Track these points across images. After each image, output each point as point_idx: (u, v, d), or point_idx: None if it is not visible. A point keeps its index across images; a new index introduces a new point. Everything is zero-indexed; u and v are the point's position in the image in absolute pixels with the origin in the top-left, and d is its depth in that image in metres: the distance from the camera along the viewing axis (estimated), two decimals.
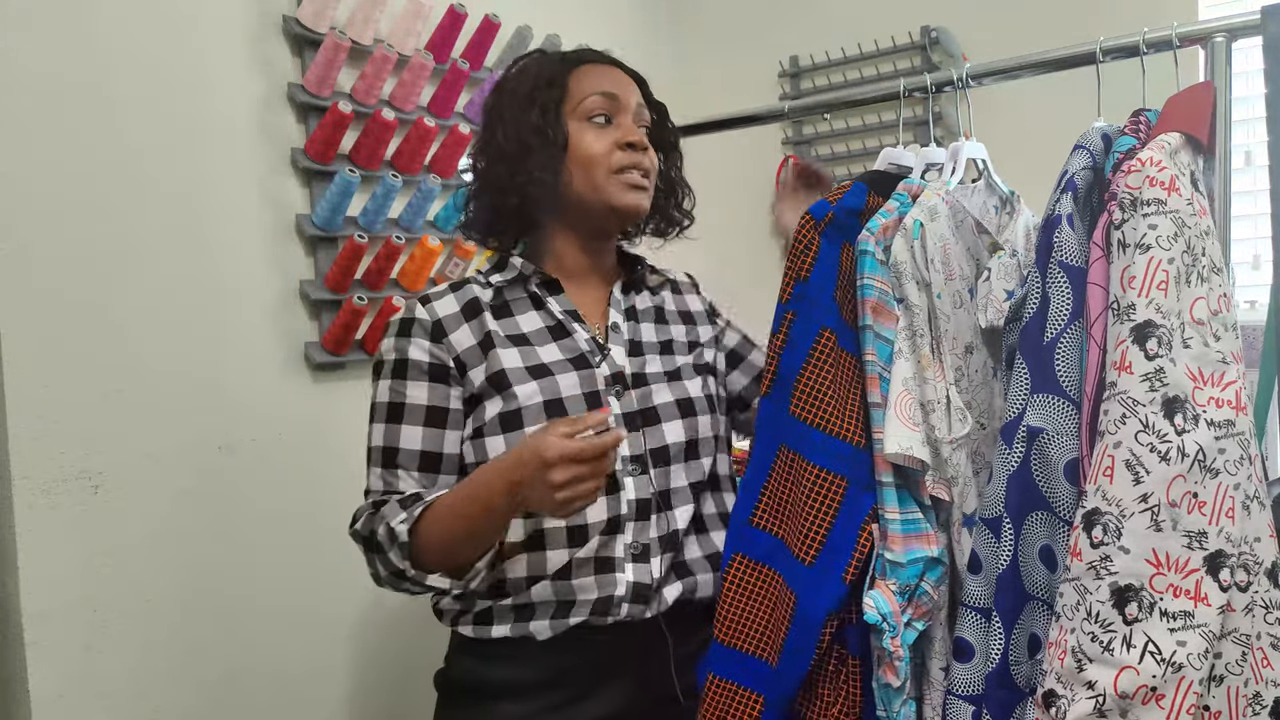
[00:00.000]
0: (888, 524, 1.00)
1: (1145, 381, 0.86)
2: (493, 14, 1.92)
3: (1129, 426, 0.86)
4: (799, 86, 2.42)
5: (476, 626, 1.08)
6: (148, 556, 1.47)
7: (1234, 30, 1.00)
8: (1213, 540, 0.85)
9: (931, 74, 1.18)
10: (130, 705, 1.44)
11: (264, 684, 1.62)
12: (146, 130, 1.48)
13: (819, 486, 1.01)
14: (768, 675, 1.02)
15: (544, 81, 1.12)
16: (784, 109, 1.39)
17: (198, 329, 1.55)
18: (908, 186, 1.11)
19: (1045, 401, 0.94)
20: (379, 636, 1.81)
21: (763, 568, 1.05)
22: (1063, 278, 0.94)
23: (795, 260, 1.07)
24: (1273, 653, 0.89)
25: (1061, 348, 0.94)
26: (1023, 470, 0.94)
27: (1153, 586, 0.85)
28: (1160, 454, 0.85)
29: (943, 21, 2.18)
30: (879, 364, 1.03)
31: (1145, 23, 1.10)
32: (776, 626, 1.02)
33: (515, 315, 1.13)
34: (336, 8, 1.69)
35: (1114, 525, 0.86)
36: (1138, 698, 0.83)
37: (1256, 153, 1.87)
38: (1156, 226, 0.87)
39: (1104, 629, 0.85)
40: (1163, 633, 0.84)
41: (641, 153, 1.12)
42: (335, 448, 1.73)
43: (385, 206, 1.74)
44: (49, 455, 1.36)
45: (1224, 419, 0.87)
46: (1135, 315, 0.87)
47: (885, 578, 0.99)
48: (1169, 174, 0.88)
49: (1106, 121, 1.05)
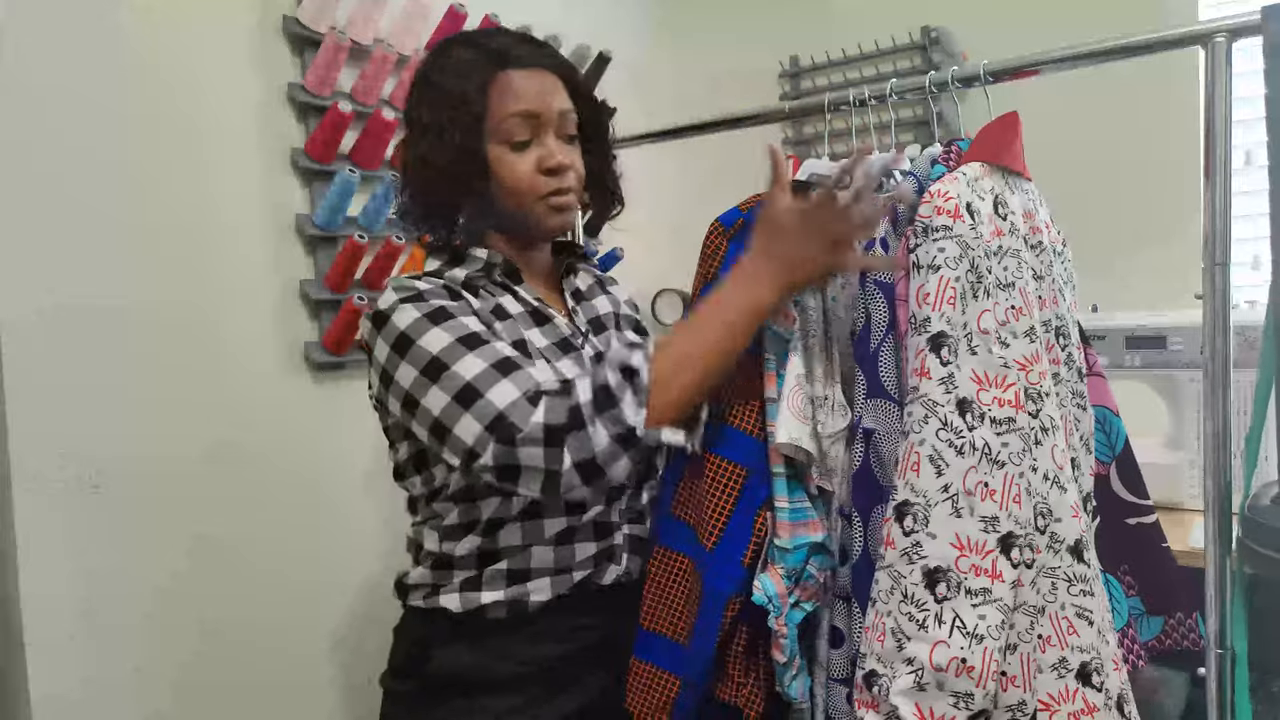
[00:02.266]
0: (777, 512, 1.07)
1: (941, 385, 0.97)
2: (493, 14, 1.92)
3: (931, 425, 0.96)
4: (799, 86, 2.42)
5: (464, 594, 1.06)
6: (148, 556, 1.47)
7: (1235, 30, 1.00)
8: (1003, 523, 0.96)
9: (949, 71, 1.18)
10: (130, 705, 1.44)
11: (264, 683, 1.62)
12: (146, 130, 1.48)
13: (721, 476, 1.08)
14: (681, 656, 1.08)
15: (463, 98, 1.06)
16: (784, 109, 1.39)
17: (198, 329, 1.55)
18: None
19: (875, 405, 1.05)
20: (379, 636, 1.81)
21: (679, 556, 1.11)
22: (878, 294, 1.06)
23: (705, 263, 1.15)
24: (1078, 621, 1.00)
25: (883, 356, 1.05)
26: (864, 468, 1.04)
27: (958, 567, 0.94)
28: (956, 448, 0.96)
29: (943, 21, 2.18)
30: (775, 362, 1.09)
31: (1145, 23, 1.10)
32: (689, 609, 1.09)
33: (496, 299, 1.11)
34: (336, 8, 1.69)
35: (922, 514, 0.95)
36: (951, 669, 0.92)
37: (1256, 153, 1.87)
38: (944, 249, 0.99)
39: (919, 608, 0.94)
40: (967, 608, 0.93)
41: (564, 174, 1.10)
42: (335, 448, 1.73)
43: (385, 206, 1.74)
44: (49, 455, 1.36)
45: (1005, 416, 0.98)
46: (930, 327, 0.98)
47: (774, 563, 1.06)
48: (954, 203, 1.00)
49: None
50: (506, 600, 1.06)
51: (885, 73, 2.27)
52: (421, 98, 1.09)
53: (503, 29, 1.20)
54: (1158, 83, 1.86)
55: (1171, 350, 1.65)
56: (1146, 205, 1.91)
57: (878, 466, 1.04)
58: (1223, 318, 1.01)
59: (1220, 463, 1.02)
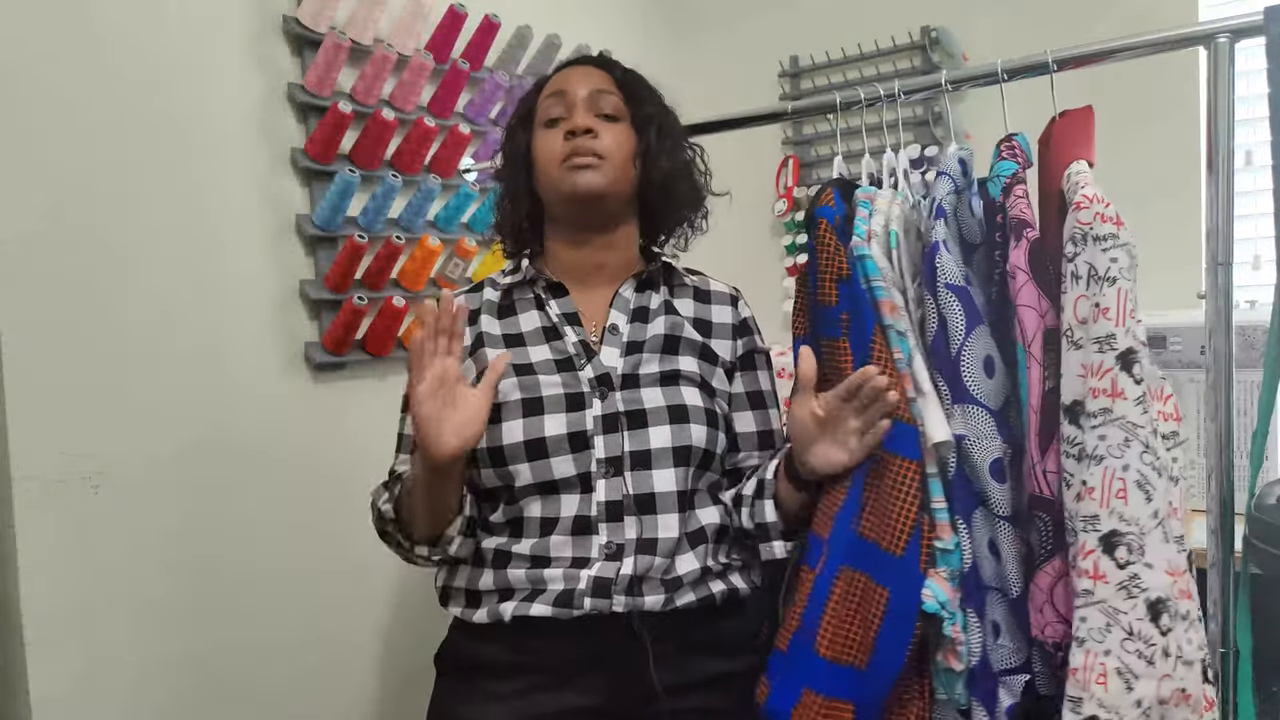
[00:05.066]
0: (935, 512, 1.03)
1: (1138, 405, 0.92)
2: (493, 14, 1.91)
3: (1134, 449, 0.91)
4: (799, 86, 2.42)
5: (465, 609, 1.13)
6: (148, 556, 1.46)
7: (1237, 31, 1.00)
8: (1186, 541, 0.94)
9: (964, 70, 1.18)
10: (130, 705, 1.44)
11: (264, 683, 1.62)
12: (146, 130, 1.48)
13: (902, 474, 1.03)
14: (857, 680, 1.02)
15: (526, 108, 1.22)
16: (785, 109, 1.39)
17: (198, 329, 1.54)
18: (866, 194, 1.14)
19: (963, 410, 1.02)
20: (380, 635, 1.81)
21: (861, 575, 1.05)
22: (952, 298, 1.03)
23: (830, 261, 1.09)
24: (1198, 624, 0.98)
25: (965, 360, 1.03)
26: (959, 474, 1.03)
27: (1174, 595, 0.91)
28: (1157, 471, 0.92)
29: (943, 21, 2.18)
30: (905, 360, 1.05)
31: (1146, 23, 1.10)
32: (865, 628, 1.03)
33: (518, 314, 1.18)
34: (336, 8, 1.68)
35: (1137, 544, 0.91)
36: (1172, 700, 0.89)
37: (1258, 153, 1.87)
38: (1117, 259, 0.94)
39: (1146, 644, 0.90)
40: (1183, 636, 0.91)
41: (581, 136, 1.13)
42: (335, 448, 1.72)
43: (385, 206, 1.73)
44: (49, 455, 1.36)
45: (1170, 430, 0.96)
46: (1117, 344, 0.93)
47: (936, 566, 1.01)
48: (1114, 209, 0.96)
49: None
50: (489, 622, 1.09)
51: (885, 73, 2.27)
52: (509, 116, 1.26)
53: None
54: (1158, 83, 1.86)
55: (1171, 350, 1.65)
56: (1146, 205, 1.91)
57: (970, 472, 1.02)
58: (1225, 317, 1.01)
59: (1222, 463, 1.02)
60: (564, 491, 1.08)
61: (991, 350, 1.04)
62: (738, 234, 2.47)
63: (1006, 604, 1.02)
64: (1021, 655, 1.02)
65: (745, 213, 2.44)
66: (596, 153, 1.13)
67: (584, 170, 1.12)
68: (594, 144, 1.13)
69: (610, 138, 1.14)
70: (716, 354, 1.20)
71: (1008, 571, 1.02)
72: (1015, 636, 1.02)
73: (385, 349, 1.77)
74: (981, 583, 1.03)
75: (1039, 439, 0.99)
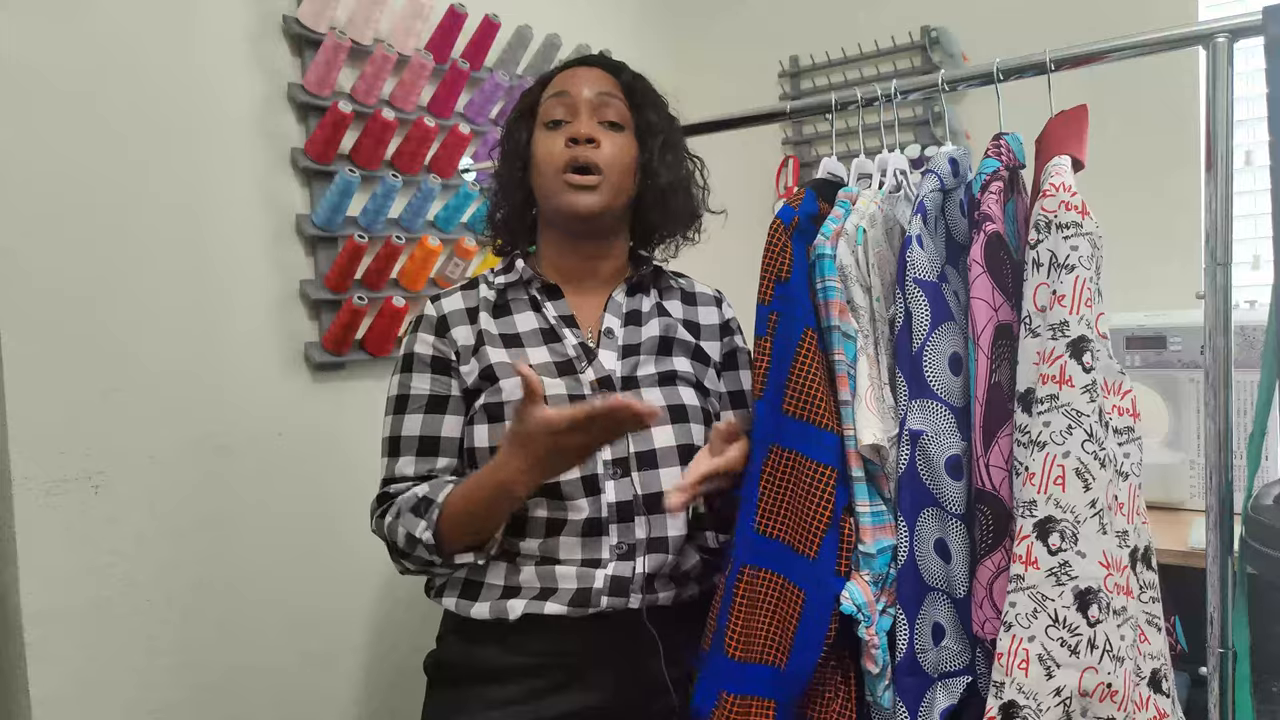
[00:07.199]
0: (859, 516, 1.03)
1: (1085, 393, 0.92)
2: (493, 14, 1.91)
3: (1075, 436, 0.91)
4: (799, 86, 2.42)
5: (460, 600, 1.11)
6: (148, 556, 1.47)
7: (1236, 30, 1.00)
8: (1131, 537, 0.93)
9: (964, 69, 1.18)
10: (130, 705, 1.44)
11: (264, 683, 1.62)
12: (146, 130, 1.48)
13: (817, 479, 1.04)
14: (777, 679, 1.03)
15: (528, 103, 1.20)
16: (784, 109, 1.39)
17: (198, 329, 1.55)
18: (848, 194, 1.14)
19: (922, 405, 1.01)
20: (379, 635, 1.81)
21: (768, 574, 1.06)
22: (919, 292, 1.02)
23: (773, 261, 1.10)
24: (1148, 628, 0.96)
25: (928, 355, 1.02)
26: (910, 470, 1.01)
27: (1106, 587, 0.90)
28: (1100, 461, 0.91)
29: (943, 21, 2.18)
30: (846, 362, 1.06)
31: (1145, 23, 1.10)
32: (783, 628, 1.04)
33: (514, 315, 1.17)
34: (336, 8, 1.69)
35: (1070, 531, 0.90)
36: (1096, 694, 0.88)
37: (1257, 153, 1.87)
38: (1077, 247, 0.93)
39: (1071, 633, 0.89)
40: (1114, 630, 0.89)
41: (582, 146, 1.12)
42: (335, 447, 1.73)
43: (385, 206, 1.73)
44: (49, 455, 1.36)
45: (1125, 425, 0.94)
46: (1069, 331, 0.92)
47: (859, 569, 1.03)
48: (1080, 198, 0.95)
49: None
50: (491, 619, 1.08)
51: (885, 73, 2.27)
52: (509, 113, 1.24)
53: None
54: (1158, 83, 1.86)
55: (1171, 350, 1.65)
56: (1146, 205, 1.91)
57: (925, 469, 1.01)
58: (1224, 317, 1.01)
59: (1222, 462, 1.01)
60: (569, 493, 1.08)
61: (959, 348, 1.04)
62: (736, 234, 2.47)
63: (952, 605, 1.02)
64: (965, 657, 1.02)
65: (744, 213, 2.45)
66: (596, 163, 1.12)
67: (582, 192, 1.12)
68: (594, 154, 1.12)
69: (611, 147, 1.14)
70: (708, 355, 1.21)
71: (955, 573, 1.01)
72: (959, 638, 1.02)
73: (385, 349, 1.77)
74: (924, 584, 1.02)
75: (982, 432, 0.99)
